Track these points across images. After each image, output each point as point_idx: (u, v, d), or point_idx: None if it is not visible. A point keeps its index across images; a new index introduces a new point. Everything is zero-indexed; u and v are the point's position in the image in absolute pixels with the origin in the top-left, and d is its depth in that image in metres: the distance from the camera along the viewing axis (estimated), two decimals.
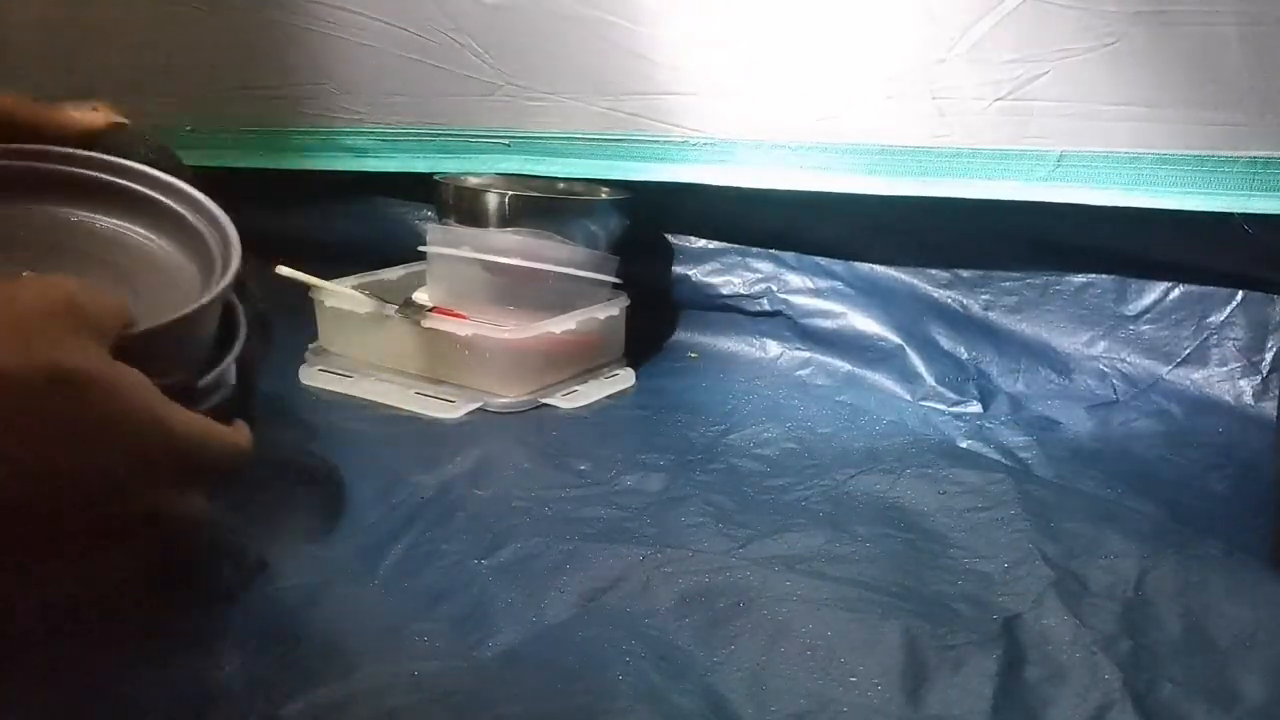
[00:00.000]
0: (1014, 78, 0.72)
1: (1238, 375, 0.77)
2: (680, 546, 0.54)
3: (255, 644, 0.43)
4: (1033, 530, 0.56)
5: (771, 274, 0.92)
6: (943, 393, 0.80)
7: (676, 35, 0.80)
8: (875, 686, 0.43)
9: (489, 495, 0.60)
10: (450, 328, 0.76)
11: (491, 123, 0.90)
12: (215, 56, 0.94)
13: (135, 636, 0.42)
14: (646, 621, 0.47)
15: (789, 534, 0.56)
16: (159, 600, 0.45)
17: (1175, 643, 0.47)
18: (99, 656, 0.41)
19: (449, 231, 0.83)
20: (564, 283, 0.79)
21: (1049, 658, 0.45)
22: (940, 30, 0.73)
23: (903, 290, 0.87)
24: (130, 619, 0.43)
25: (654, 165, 0.86)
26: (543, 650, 0.45)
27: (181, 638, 0.43)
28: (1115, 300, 0.81)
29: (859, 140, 0.79)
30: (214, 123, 0.98)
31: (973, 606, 0.49)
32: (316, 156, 0.96)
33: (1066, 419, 0.76)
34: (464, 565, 0.52)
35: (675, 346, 0.92)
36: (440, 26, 0.86)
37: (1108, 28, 0.69)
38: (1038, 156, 0.75)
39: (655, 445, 0.69)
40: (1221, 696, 0.43)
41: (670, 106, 0.84)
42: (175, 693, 0.40)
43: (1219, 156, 0.70)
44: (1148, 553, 0.54)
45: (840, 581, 0.51)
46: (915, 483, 0.63)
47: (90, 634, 0.42)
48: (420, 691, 0.41)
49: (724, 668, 0.44)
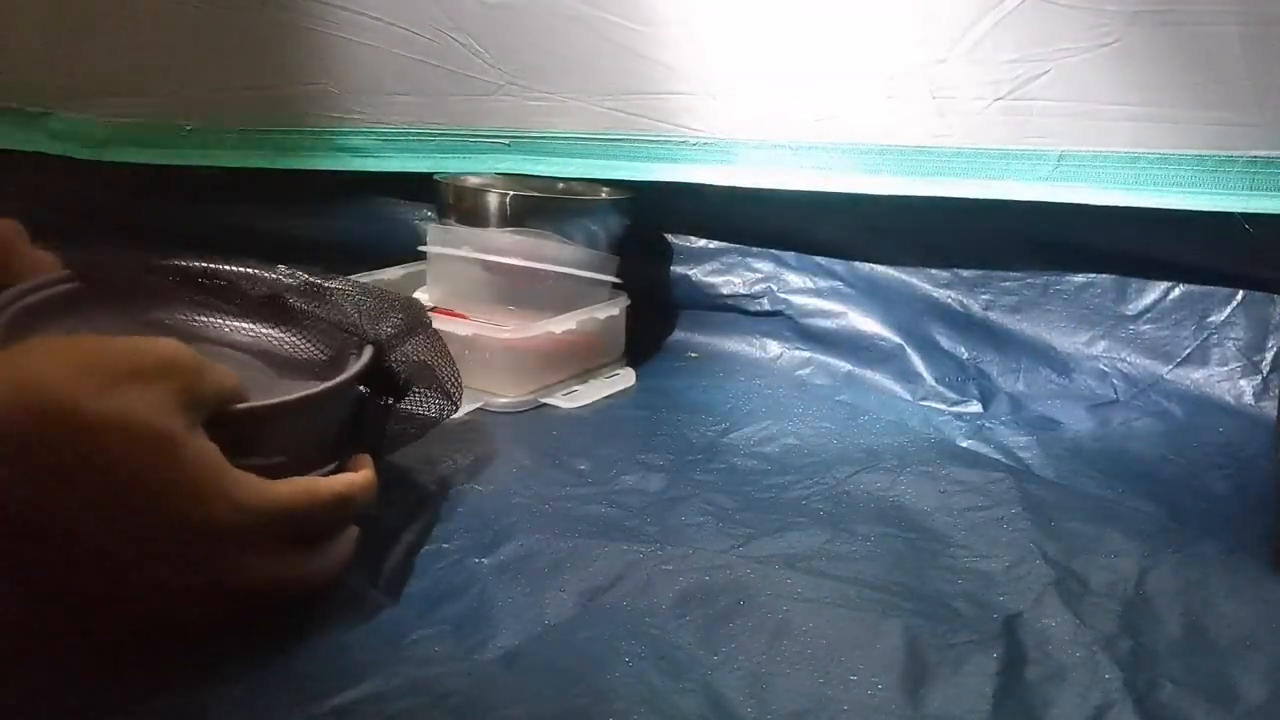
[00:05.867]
0: (1014, 78, 0.72)
1: (1238, 375, 0.77)
2: (680, 545, 0.54)
3: (255, 652, 0.43)
4: (1033, 529, 0.56)
5: (771, 274, 0.92)
6: (943, 392, 0.80)
7: (676, 35, 0.80)
8: (875, 685, 0.43)
9: (489, 494, 0.60)
10: (450, 328, 0.76)
11: (491, 123, 0.90)
12: (215, 56, 0.94)
13: (132, 645, 0.42)
14: (647, 620, 0.47)
15: (789, 533, 0.56)
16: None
17: (1175, 642, 0.47)
18: (97, 664, 0.41)
19: (449, 231, 0.83)
20: (564, 283, 0.79)
21: (1049, 657, 0.45)
22: (940, 30, 0.73)
23: (903, 290, 0.87)
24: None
25: (654, 165, 0.86)
26: (543, 650, 0.45)
27: (181, 645, 0.42)
28: (1115, 300, 0.81)
29: (859, 140, 0.79)
30: (214, 123, 0.98)
31: (973, 605, 0.49)
32: (316, 156, 0.96)
33: (1066, 419, 0.76)
34: (464, 565, 0.51)
35: (675, 346, 0.92)
36: (440, 26, 0.86)
37: (1108, 28, 0.69)
38: (1038, 156, 0.75)
39: (655, 445, 0.69)
40: (1221, 696, 0.43)
41: (670, 106, 0.84)
42: (174, 703, 0.40)
43: (1219, 156, 0.70)
44: (1148, 552, 0.54)
45: (840, 580, 0.51)
46: (915, 482, 0.63)
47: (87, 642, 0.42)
48: (421, 694, 0.41)
49: (724, 666, 0.44)
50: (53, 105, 1.00)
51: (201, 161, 1.00)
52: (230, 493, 0.39)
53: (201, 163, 1.00)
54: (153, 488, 0.37)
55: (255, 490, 0.40)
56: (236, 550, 0.40)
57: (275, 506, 0.41)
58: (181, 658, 0.42)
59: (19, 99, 1.01)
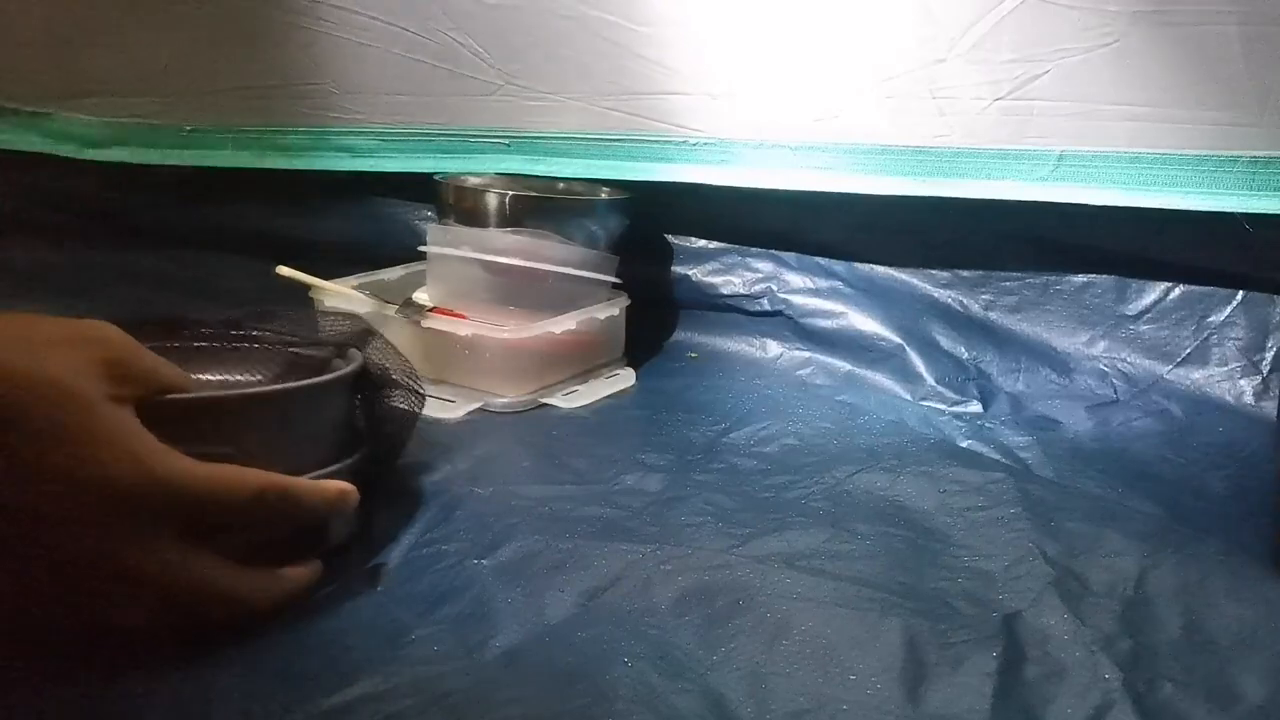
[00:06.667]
0: (1014, 78, 0.73)
1: (1238, 375, 0.77)
2: (680, 545, 0.54)
3: (254, 652, 0.43)
4: (1033, 529, 0.56)
5: (771, 274, 0.92)
6: (943, 392, 0.80)
7: (676, 35, 0.81)
8: (875, 684, 0.43)
9: (489, 494, 0.60)
10: (450, 328, 0.76)
11: (491, 123, 0.90)
12: (215, 56, 0.94)
13: (131, 647, 0.42)
14: (646, 620, 0.47)
15: (789, 532, 0.56)
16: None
17: (1175, 642, 0.47)
18: (95, 667, 0.41)
19: (449, 231, 0.83)
20: (564, 283, 0.79)
21: (1049, 656, 0.45)
22: (940, 30, 0.73)
23: (903, 290, 0.87)
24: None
25: (654, 165, 0.86)
26: (543, 650, 0.45)
27: (179, 645, 0.42)
28: (1115, 300, 0.81)
29: (859, 140, 0.80)
30: (214, 123, 0.98)
31: (972, 605, 0.49)
32: (316, 156, 0.96)
33: (1066, 419, 0.76)
34: (464, 565, 0.51)
35: (675, 346, 0.92)
36: (440, 26, 0.86)
37: (1108, 28, 0.69)
38: (1038, 156, 0.75)
39: (655, 445, 0.69)
40: (1221, 696, 0.43)
41: (670, 106, 0.84)
42: (174, 702, 0.40)
43: (1219, 156, 0.70)
44: (1148, 552, 0.54)
45: (840, 579, 0.51)
46: (915, 481, 0.63)
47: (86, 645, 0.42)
48: (420, 694, 0.41)
49: (723, 666, 0.44)
50: (53, 105, 1.00)
51: (201, 162, 1.00)
52: (141, 456, 0.39)
53: (201, 163, 1.00)
54: (67, 446, 0.38)
55: (170, 460, 0.40)
56: (152, 525, 0.40)
57: (191, 481, 0.41)
58: (181, 657, 0.42)
59: (19, 99, 1.01)
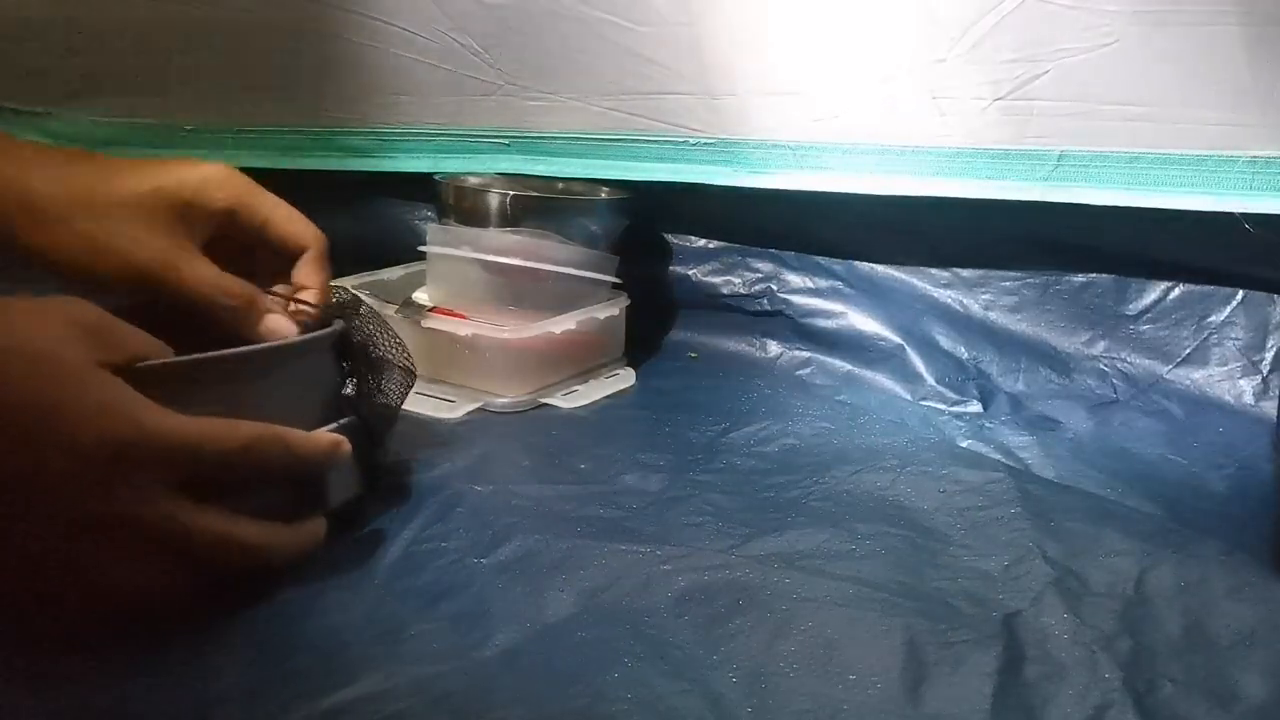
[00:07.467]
0: (1014, 78, 0.72)
1: (1238, 375, 0.77)
2: (680, 545, 0.54)
3: (253, 651, 0.43)
4: (1033, 529, 0.56)
5: (771, 274, 0.92)
6: (943, 392, 0.80)
7: (676, 35, 0.80)
8: (874, 684, 0.43)
9: (489, 494, 0.60)
10: (450, 328, 0.76)
11: (491, 123, 0.90)
12: (215, 56, 0.94)
13: (131, 645, 0.42)
14: (646, 620, 0.47)
15: (788, 532, 0.56)
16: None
17: (1175, 642, 0.47)
18: (95, 666, 0.41)
19: (449, 231, 0.83)
20: (564, 283, 0.79)
21: (1049, 656, 0.45)
22: (940, 30, 0.73)
23: (903, 290, 0.87)
24: (128, 628, 0.43)
25: (654, 165, 0.86)
26: (542, 650, 0.45)
27: (179, 646, 0.42)
28: (1115, 300, 0.81)
29: (859, 140, 0.79)
30: (214, 123, 0.98)
31: (972, 604, 0.49)
32: (316, 156, 0.96)
33: (1066, 419, 0.76)
34: (463, 564, 0.51)
35: (675, 346, 0.92)
36: (440, 26, 0.86)
37: (1108, 28, 0.69)
38: (1038, 156, 0.75)
39: (655, 445, 0.69)
40: (1221, 696, 0.43)
41: (670, 106, 0.84)
42: (173, 704, 0.40)
43: (1219, 156, 0.70)
44: (1147, 552, 0.54)
45: (840, 579, 0.51)
46: (915, 481, 0.63)
47: (86, 642, 0.42)
48: (420, 694, 0.41)
49: (723, 666, 0.44)
50: (53, 105, 1.00)
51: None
52: (135, 414, 0.40)
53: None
54: (64, 413, 0.39)
55: (163, 415, 0.41)
56: (152, 479, 0.41)
57: (184, 432, 0.42)
58: (180, 656, 0.42)
59: (19, 99, 1.01)
